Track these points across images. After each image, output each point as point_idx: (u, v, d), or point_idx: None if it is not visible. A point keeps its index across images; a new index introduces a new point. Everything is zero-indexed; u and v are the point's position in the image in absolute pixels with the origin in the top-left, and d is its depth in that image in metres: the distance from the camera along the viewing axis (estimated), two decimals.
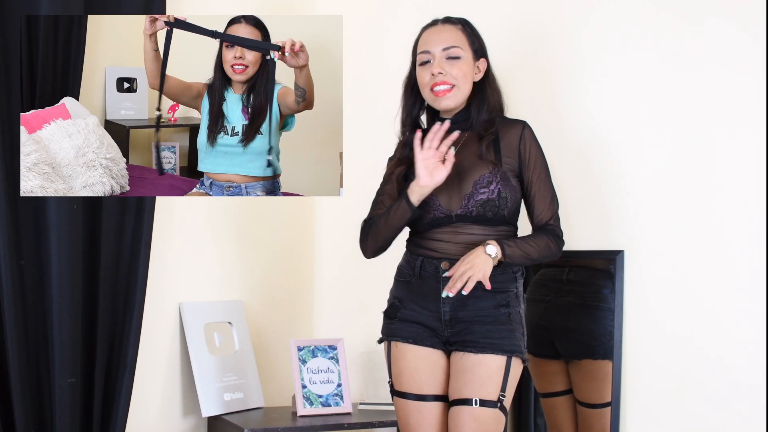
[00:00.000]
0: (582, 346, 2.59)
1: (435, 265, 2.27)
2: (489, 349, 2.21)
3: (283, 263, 3.15)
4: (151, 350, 2.67)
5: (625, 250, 2.56)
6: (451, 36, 2.30)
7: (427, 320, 2.28)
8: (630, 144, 2.57)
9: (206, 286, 2.89)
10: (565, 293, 2.64)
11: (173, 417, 2.76)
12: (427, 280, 2.28)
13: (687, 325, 2.46)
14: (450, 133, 2.26)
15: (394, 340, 2.31)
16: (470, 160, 2.30)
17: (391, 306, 2.35)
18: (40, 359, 2.29)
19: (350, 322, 3.13)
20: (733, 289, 2.39)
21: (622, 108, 2.59)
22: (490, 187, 2.25)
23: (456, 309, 2.25)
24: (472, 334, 2.23)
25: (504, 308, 2.24)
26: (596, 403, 2.56)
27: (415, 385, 2.27)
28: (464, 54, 2.30)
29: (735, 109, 2.40)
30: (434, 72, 2.27)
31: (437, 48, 2.29)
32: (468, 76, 2.31)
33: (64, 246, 2.28)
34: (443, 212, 2.27)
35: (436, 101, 2.30)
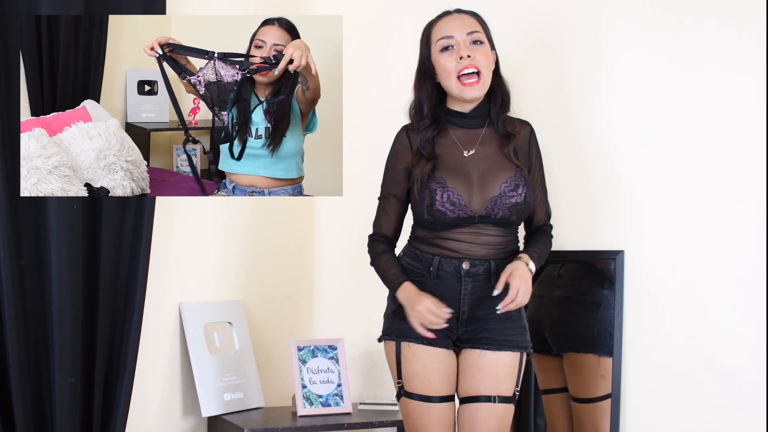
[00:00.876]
0: (568, 340, 2.61)
1: (455, 264, 2.26)
2: (506, 347, 2.24)
3: (283, 263, 3.15)
4: (151, 350, 2.66)
5: (625, 250, 2.56)
6: (471, 22, 2.27)
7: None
8: (631, 144, 2.57)
9: (206, 286, 2.89)
10: (556, 287, 2.66)
11: (173, 417, 2.76)
12: (445, 280, 2.27)
13: (687, 325, 2.46)
14: (467, 128, 2.29)
15: (406, 340, 2.28)
16: (492, 160, 2.27)
17: (401, 306, 2.29)
18: (40, 359, 2.29)
19: (350, 322, 3.13)
20: (733, 288, 2.39)
21: (623, 108, 2.59)
22: (518, 190, 2.24)
23: (474, 308, 2.26)
24: (488, 332, 2.25)
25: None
26: (584, 397, 2.57)
27: (430, 387, 2.26)
28: (485, 39, 2.27)
29: (735, 109, 2.40)
30: (462, 55, 2.21)
31: (460, 33, 2.24)
32: (490, 64, 2.27)
33: (64, 246, 2.27)
34: (467, 213, 2.23)
35: (464, 91, 2.24)
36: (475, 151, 2.28)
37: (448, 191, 2.24)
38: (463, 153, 2.29)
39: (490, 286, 2.24)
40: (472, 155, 2.28)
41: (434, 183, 2.25)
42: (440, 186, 2.24)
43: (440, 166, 2.27)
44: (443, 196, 2.23)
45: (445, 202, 2.23)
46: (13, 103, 2.26)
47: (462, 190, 2.24)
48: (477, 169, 2.26)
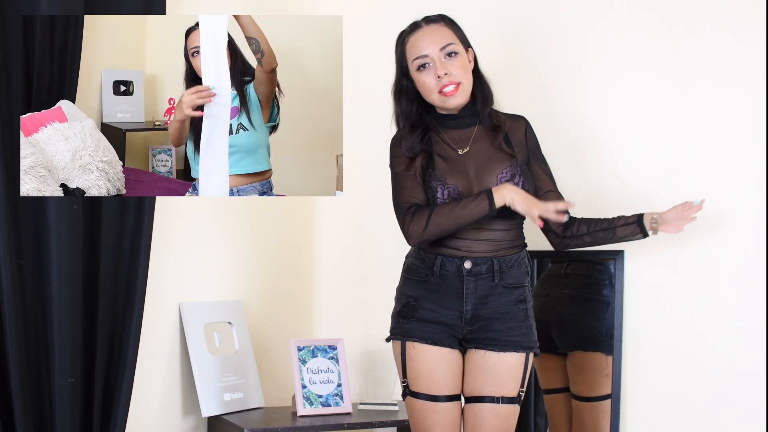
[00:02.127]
0: (576, 338, 2.61)
1: (457, 264, 2.27)
2: (511, 348, 2.24)
3: (283, 263, 3.15)
4: (151, 350, 2.66)
5: (625, 250, 2.56)
6: (442, 34, 2.28)
7: (447, 319, 2.27)
8: (630, 144, 2.57)
9: (206, 286, 2.89)
10: (563, 286, 2.66)
11: (173, 417, 2.76)
12: (448, 279, 2.27)
13: (687, 325, 2.46)
14: (459, 128, 2.29)
15: (411, 340, 2.29)
16: (487, 154, 2.29)
17: (405, 305, 2.31)
18: (40, 359, 2.29)
19: (350, 322, 3.13)
20: (734, 288, 2.39)
21: (621, 107, 2.60)
22: (514, 180, 2.25)
23: (477, 307, 2.26)
24: (493, 332, 2.25)
25: (522, 304, 2.27)
26: (586, 396, 2.57)
27: (434, 386, 2.27)
28: (459, 48, 2.28)
29: (733, 108, 2.40)
30: (439, 74, 2.25)
31: (433, 49, 2.26)
32: (468, 69, 2.30)
33: (64, 246, 2.27)
34: None
35: (446, 101, 2.28)
36: (469, 148, 2.30)
37: (449, 188, 2.25)
38: (458, 152, 2.31)
39: (493, 285, 2.25)
40: (467, 152, 2.30)
41: (435, 181, 2.27)
42: (440, 183, 2.26)
43: (438, 165, 2.29)
44: (444, 192, 2.25)
45: (446, 198, 2.24)
46: (13, 104, 2.26)
47: (461, 186, 2.25)
48: (473, 165, 2.28)
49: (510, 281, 2.26)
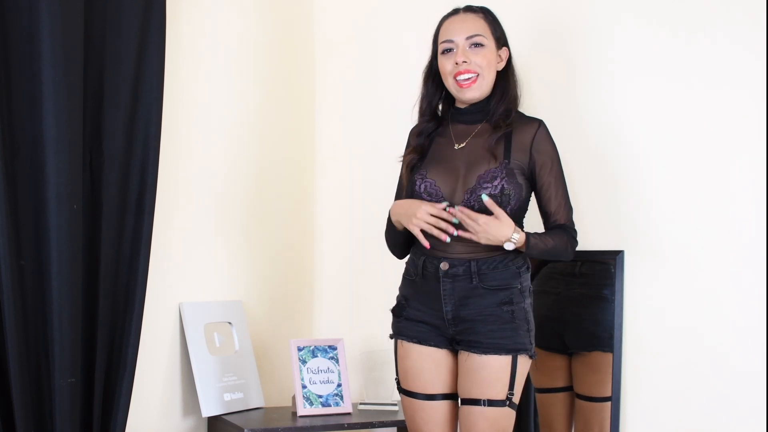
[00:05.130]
0: (592, 338, 2.59)
1: (435, 265, 2.27)
2: (492, 350, 2.20)
3: (283, 263, 3.15)
4: (151, 350, 2.66)
5: (625, 250, 2.56)
6: (474, 24, 2.28)
7: (431, 319, 2.28)
8: (630, 144, 2.57)
9: (206, 286, 2.89)
10: (577, 285, 2.65)
11: (173, 417, 2.76)
12: (429, 280, 2.28)
13: (687, 325, 2.46)
14: (466, 124, 2.31)
15: (400, 338, 2.33)
16: (478, 153, 2.27)
17: (397, 304, 2.36)
18: (40, 359, 2.29)
19: (350, 322, 3.13)
20: (734, 289, 2.39)
21: (623, 108, 2.59)
22: (494, 182, 2.22)
23: (458, 308, 2.25)
24: (476, 335, 2.23)
25: (507, 306, 2.22)
26: (597, 396, 2.57)
27: (420, 384, 2.29)
28: (487, 42, 2.28)
29: (738, 113, 2.40)
30: (458, 60, 2.25)
31: (460, 36, 2.27)
32: (492, 64, 2.29)
33: (64, 246, 2.27)
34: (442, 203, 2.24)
35: (461, 92, 2.28)
36: (465, 144, 2.30)
37: (426, 182, 2.27)
38: (454, 146, 2.31)
39: (472, 287, 2.23)
40: (461, 148, 2.30)
41: (417, 175, 2.30)
42: (420, 177, 2.29)
43: (427, 159, 2.32)
44: (421, 186, 2.27)
45: (422, 192, 2.26)
46: (13, 104, 2.26)
47: (441, 180, 2.25)
48: (464, 161, 2.27)
49: (492, 283, 2.22)
